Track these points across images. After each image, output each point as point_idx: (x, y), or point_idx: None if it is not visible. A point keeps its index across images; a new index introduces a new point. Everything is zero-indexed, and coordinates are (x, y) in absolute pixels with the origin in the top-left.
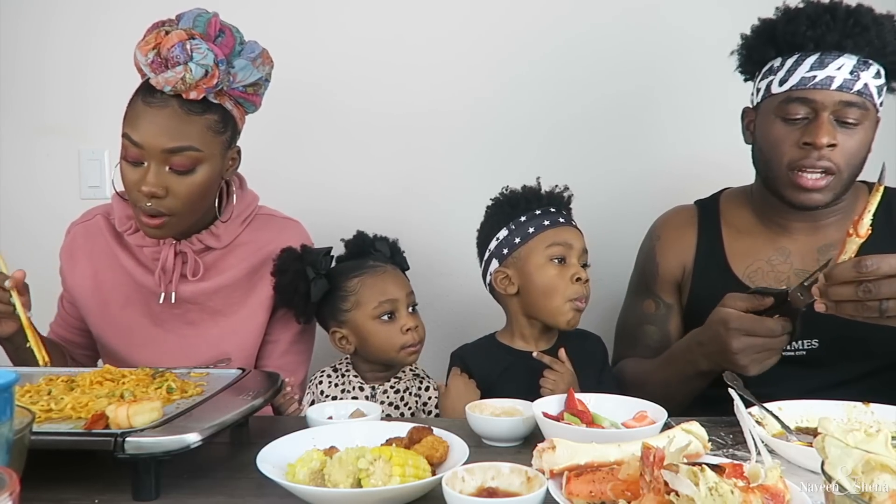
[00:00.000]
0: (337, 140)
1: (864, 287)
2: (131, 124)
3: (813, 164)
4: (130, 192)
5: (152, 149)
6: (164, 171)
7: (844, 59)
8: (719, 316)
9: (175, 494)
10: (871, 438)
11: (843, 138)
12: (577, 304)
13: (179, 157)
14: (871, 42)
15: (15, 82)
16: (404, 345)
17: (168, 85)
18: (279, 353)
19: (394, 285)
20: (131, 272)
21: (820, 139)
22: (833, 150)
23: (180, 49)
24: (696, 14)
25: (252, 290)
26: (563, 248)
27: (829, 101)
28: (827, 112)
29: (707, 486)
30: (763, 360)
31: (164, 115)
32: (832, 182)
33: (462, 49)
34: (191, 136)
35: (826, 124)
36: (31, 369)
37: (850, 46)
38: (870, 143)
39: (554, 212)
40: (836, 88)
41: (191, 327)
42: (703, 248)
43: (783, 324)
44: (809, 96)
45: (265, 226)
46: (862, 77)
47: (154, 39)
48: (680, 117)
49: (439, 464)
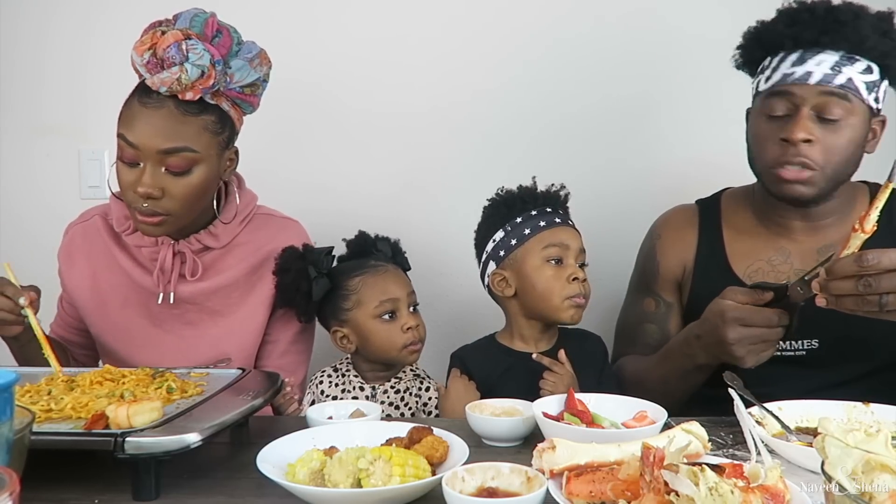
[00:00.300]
0: (336, 139)
1: (865, 281)
2: (127, 125)
3: (790, 159)
4: (126, 192)
5: (148, 150)
6: (160, 172)
7: (825, 55)
8: (717, 307)
9: (175, 494)
10: (871, 438)
11: (824, 134)
12: (575, 301)
13: (175, 158)
14: (848, 37)
15: (15, 82)
16: (405, 344)
17: (164, 85)
18: (279, 353)
19: (395, 285)
20: (129, 272)
21: (795, 134)
22: (811, 146)
23: (176, 49)
24: (695, 14)
25: (251, 290)
26: (559, 248)
27: (809, 94)
28: (807, 107)
29: (707, 486)
30: (759, 352)
31: (160, 115)
32: (814, 176)
33: (462, 48)
34: (187, 137)
35: (804, 120)
36: (31, 369)
37: (827, 42)
38: (859, 140)
39: (550, 212)
40: (815, 83)
41: (190, 327)
42: (704, 248)
43: (780, 314)
44: (789, 90)
45: (264, 226)
46: (845, 72)
47: (150, 40)
48: (680, 117)
49: (439, 464)
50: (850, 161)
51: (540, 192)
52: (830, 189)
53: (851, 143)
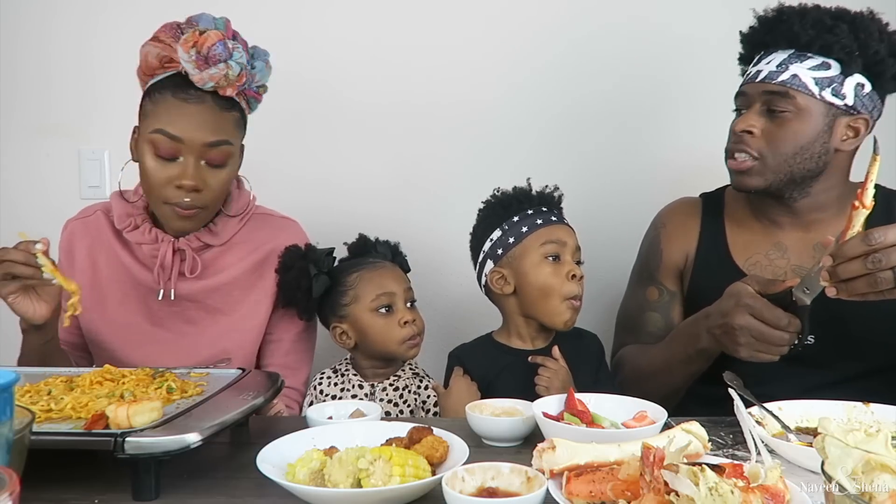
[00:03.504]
0: (336, 137)
1: (874, 258)
2: (165, 120)
3: (734, 147)
4: (163, 188)
5: (193, 143)
6: (201, 165)
7: (777, 54)
8: (736, 289)
9: (175, 494)
10: (871, 438)
11: (771, 127)
12: (573, 304)
13: (216, 152)
14: (786, 35)
15: (15, 82)
16: (404, 338)
17: (212, 81)
18: (283, 351)
19: (391, 280)
20: (129, 268)
21: (736, 125)
22: (752, 137)
23: (222, 47)
24: (695, 15)
25: (251, 289)
26: (557, 245)
27: (754, 91)
28: (757, 103)
29: (707, 486)
30: (756, 348)
31: (202, 110)
32: (757, 166)
33: (463, 48)
34: (226, 131)
35: (750, 113)
36: (32, 369)
37: (770, 42)
38: (810, 134)
39: (546, 211)
40: (760, 80)
41: (189, 325)
42: (706, 238)
43: (791, 319)
44: (742, 90)
45: (263, 225)
46: (791, 68)
47: (192, 38)
48: (680, 117)
49: (439, 464)
50: (803, 154)
51: (535, 193)
52: (784, 180)
53: (798, 135)
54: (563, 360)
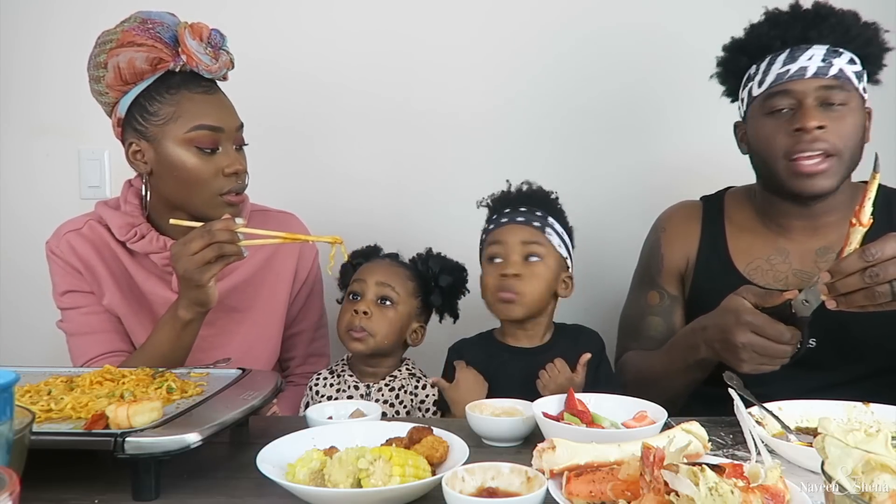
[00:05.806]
0: (336, 136)
1: (871, 272)
2: (199, 114)
3: (807, 147)
4: (213, 180)
5: (230, 129)
6: (235, 150)
7: (814, 49)
8: (733, 304)
9: (175, 494)
10: (871, 438)
11: (833, 120)
12: (500, 296)
13: (241, 134)
14: (834, 29)
15: (14, 82)
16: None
17: (224, 68)
18: (307, 341)
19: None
20: (142, 285)
21: (808, 123)
22: (826, 132)
23: (219, 35)
24: (695, 16)
25: (263, 284)
26: (496, 246)
27: (808, 88)
28: (810, 98)
29: (707, 486)
30: (759, 362)
31: (220, 97)
32: (833, 165)
33: (465, 46)
34: (237, 114)
35: (812, 109)
36: (32, 369)
37: (816, 37)
38: (862, 126)
39: (509, 212)
40: (811, 76)
41: (209, 327)
42: (707, 242)
43: (793, 332)
44: (788, 88)
45: (264, 222)
46: (835, 63)
47: (195, 31)
48: (680, 118)
49: (439, 464)
50: (859, 148)
51: (512, 194)
52: (845, 176)
53: (857, 127)
54: (564, 360)
